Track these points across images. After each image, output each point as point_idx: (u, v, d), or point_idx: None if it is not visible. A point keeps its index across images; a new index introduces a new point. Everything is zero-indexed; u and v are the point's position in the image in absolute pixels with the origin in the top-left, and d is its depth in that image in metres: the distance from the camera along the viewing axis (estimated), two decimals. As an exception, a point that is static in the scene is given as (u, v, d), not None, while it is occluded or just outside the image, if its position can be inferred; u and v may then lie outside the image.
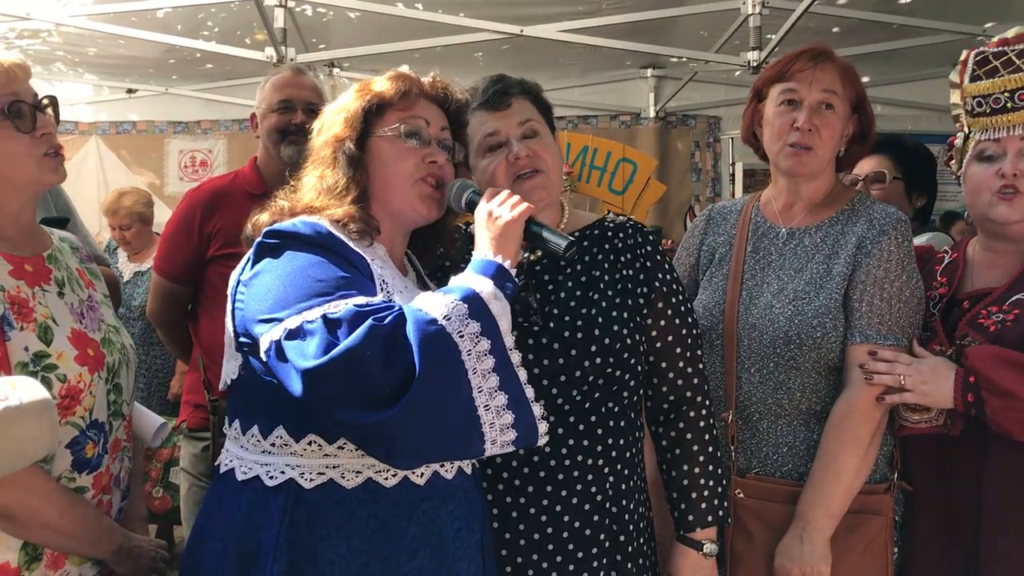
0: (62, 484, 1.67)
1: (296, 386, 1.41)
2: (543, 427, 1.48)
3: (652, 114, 5.99)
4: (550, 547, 1.82)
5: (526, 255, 1.75)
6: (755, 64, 4.16)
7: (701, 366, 1.98)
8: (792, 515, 2.05)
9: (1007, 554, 1.94)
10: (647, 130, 6.04)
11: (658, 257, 1.96)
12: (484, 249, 1.58)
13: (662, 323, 1.93)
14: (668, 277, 1.96)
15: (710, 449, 1.95)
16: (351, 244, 1.59)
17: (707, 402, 1.97)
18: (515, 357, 1.47)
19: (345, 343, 1.37)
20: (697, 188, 6.13)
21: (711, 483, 1.94)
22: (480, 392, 1.41)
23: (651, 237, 1.99)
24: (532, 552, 1.82)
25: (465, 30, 4.48)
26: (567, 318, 1.86)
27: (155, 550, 1.82)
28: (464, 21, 4.39)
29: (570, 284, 1.90)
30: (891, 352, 2.02)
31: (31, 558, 1.63)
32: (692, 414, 1.95)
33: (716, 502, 1.93)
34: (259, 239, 1.58)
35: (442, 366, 1.38)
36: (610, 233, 1.97)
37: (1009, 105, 2.03)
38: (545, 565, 1.82)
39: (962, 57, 2.16)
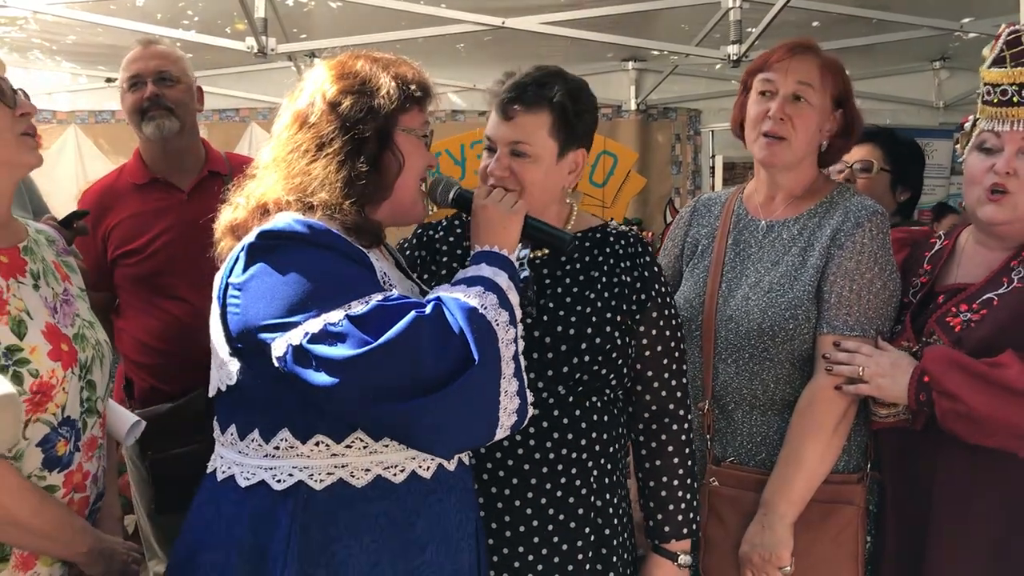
0: (32, 482, 1.61)
1: (330, 380, 1.38)
2: (531, 411, 1.53)
3: (633, 107, 5.98)
4: (535, 539, 1.83)
5: (530, 250, 1.77)
6: (735, 57, 4.17)
7: (685, 380, 2.00)
8: None
9: (951, 541, 1.96)
10: (628, 122, 6.03)
11: (655, 269, 1.99)
12: (489, 242, 1.62)
13: (653, 332, 1.95)
14: (664, 290, 1.98)
15: (688, 463, 1.97)
16: (348, 239, 1.55)
17: (688, 416, 1.99)
18: (521, 345, 1.52)
19: (390, 334, 1.37)
20: (677, 181, 6.13)
21: (687, 496, 1.96)
22: (504, 378, 1.45)
23: (650, 249, 2.02)
24: (518, 544, 1.84)
25: (447, 21, 4.46)
26: (561, 313, 1.88)
27: (128, 552, 1.78)
28: (446, 12, 4.38)
29: (568, 281, 1.92)
30: (854, 343, 2.03)
31: None
32: (674, 427, 1.97)
33: (691, 515, 1.96)
34: (251, 240, 1.51)
35: (491, 353, 1.43)
36: (612, 239, 1.99)
37: (1016, 99, 1.94)
38: (531, 557, 1.84)
39: (997, 32, 2.02)
